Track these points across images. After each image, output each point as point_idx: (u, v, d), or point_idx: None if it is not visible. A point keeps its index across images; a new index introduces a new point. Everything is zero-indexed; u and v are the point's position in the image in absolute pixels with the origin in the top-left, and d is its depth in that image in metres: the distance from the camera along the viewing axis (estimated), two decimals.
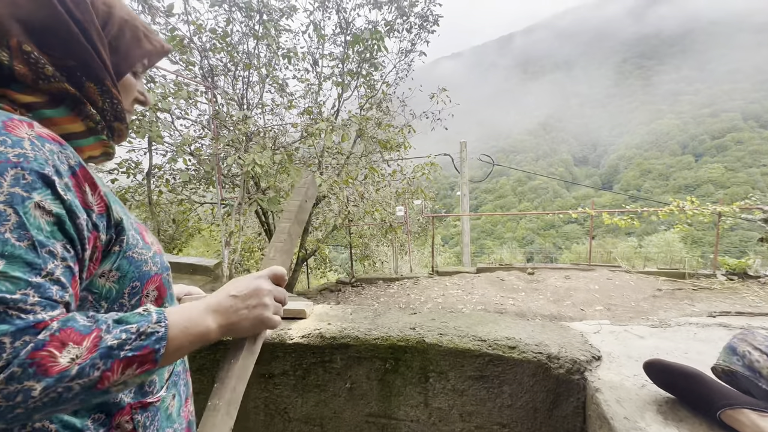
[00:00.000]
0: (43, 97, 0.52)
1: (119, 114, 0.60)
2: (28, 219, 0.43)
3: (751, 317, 1.47)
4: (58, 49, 0.51)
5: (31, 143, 0.45)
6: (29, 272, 0.41)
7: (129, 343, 0.45)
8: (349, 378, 1.12)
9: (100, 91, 0.56)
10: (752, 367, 0.75)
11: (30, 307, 0.40)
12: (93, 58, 0.54)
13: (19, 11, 0.49)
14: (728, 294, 4.61)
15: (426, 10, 4.84)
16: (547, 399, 0.98)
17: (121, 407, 0.54)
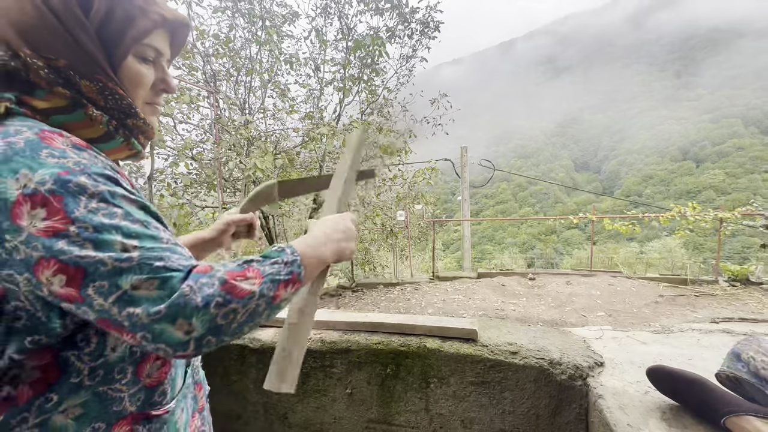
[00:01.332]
0: (57, 102, 0.50)
1: (127, 108, 0.55)
2: (128, 209, 0.47)
3: (754, 323, 1.46)
4: (46, 49, 0.49)
5: (75, 153, 0.47)
6: (158, 243, 0.47)
7: (282, 270, 0.54)
8: (349, 383, 1.11)
9: (96, 88, 0.52)
10: (757, 373, 0.75)
11: (180, 265, 0.47)
12: (78, 54, 0.50)
13: (10, 16, 0.48)
14: (730, 300, 4.59)
15: (427, 16, 4.88)
16: (549, 405, 0.97)
17: (123, 416, 0.53)
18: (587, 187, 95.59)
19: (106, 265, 0.42)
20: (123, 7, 0.53)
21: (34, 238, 0.41)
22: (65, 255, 0.41)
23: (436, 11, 4.87)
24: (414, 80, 5.43)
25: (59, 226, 0.42)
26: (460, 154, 9.93)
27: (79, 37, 0.50)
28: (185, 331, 0.45)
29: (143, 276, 0.44)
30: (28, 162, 0.43)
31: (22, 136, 0.45)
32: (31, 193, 0.41)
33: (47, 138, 0.46)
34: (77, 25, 0.50)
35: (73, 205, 0.43)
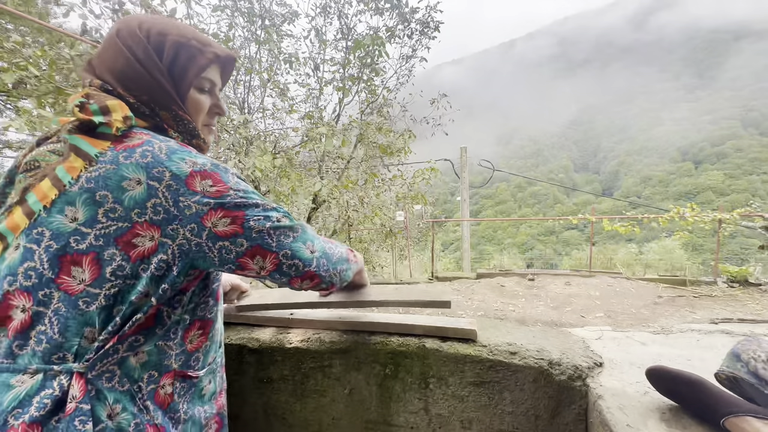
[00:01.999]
0: (150, 124, 0.66)
1: (193, 131, 0.70)
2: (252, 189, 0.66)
3: (753, 324, 1.46)
4: (134, 88, 0.64)
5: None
6: (281, 209, 0.68)
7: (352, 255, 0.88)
8: (348, 383, 1.10)
9: (172, 116, 0.67)
10: (757, 374, 0.74)
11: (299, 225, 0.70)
12: (158, 91, 0.65)
13: (108, 65, 0.65)
14: (729, 301, 4.59)
15: (427, 16, 4.89)
16: (549, 406, 0.97)
17: (168, 370, 0.65)
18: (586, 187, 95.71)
19: (258, 207, 0.64)
20: (185, 50, 0.67)
21: (206, 198, 0.59)
22: (230, 204, 0.60)
23: (435, 11, 4.87)
24: (414, 80, 5.43)
25: (223, 189, 0.61)
26: (460, 155, 9.94)
27: (157, 78, 0.65)
28: (311, 250, 0.69)
29: (279, 213, 0.66)
30: (186, 154, 0.60)
31: (171, 141, 0.62)
32: (200, 171, 0.60)
33: (185, 145, 0.64)
34: (155, 69, 0.65)
35: (226, 178, 0.62)
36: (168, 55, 0.66)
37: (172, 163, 0.58)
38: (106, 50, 0.66)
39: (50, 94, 2.82)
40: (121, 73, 0.64)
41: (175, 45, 0.66)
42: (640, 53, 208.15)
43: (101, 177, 0.56)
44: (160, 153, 0.59)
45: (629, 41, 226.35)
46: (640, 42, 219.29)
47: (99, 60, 0.66)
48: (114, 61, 0.64)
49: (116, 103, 0.61)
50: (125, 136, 0.60)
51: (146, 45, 0.65)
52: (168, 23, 0.68)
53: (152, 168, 0.57)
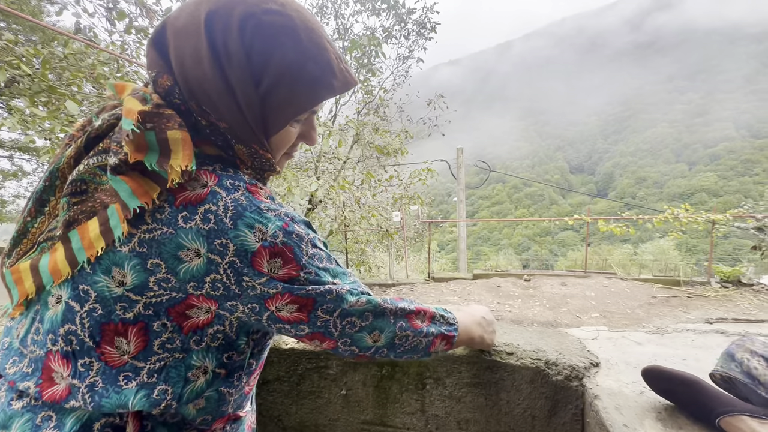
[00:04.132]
0: (219, 152, 0.55)
1: (269, 167, 0.59)
2: (325, 252, 0.58)
3: (747, 324, 1.48)
4: (212, 110, 0.51)
5: (278, 205, 0.54)
6: (348, 276, 0.60)
7: (444, 324, 0.72)
8: (344, 384, 1.10)
9: (248, 153, 0.55)
10: (750, 373, 0.75)
11: (366, 291, 0.61)
12: (239, 123, 0.52)
13: (185, 63, 0.50)
14: (722, 301, 4.64)
15: (423, 17, 4.90)
16: (546, 406, 0.97)
17: (223, 415, 0.59)
18: (582, 188, 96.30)
19: (332, 293, 0.55)
20: (294, 84, 0.53)
21: (275, 282, 0.51)
22: (300, 291, 0.53)
23: (432, 12, 4.88)
24: (410, 81, 5.45)
25: (293, 272, 0.52)
26: (456, 155, 9.96)
27: (243, 108, 0.52)
28: (374, 339, 0.62)
29: (354, 297, 0.58)
30: (257, 217, 0.49)
31: (239, 192, 0.50)
32: (269, 246, 0.50)
33: (255, 192, 0.52)
34: (245, 97, 0.51)
35: (299, 254, 0.52)
36: (267, 86, 0.52)
37: (238, 234, 0.48)
38: (185, 37, 0.50)
39: (43, 93, 2.79)
40: (200, 87, 0.50)
41: (277, 75, 0.51)
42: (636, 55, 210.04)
43: (155, 242, 0.47)
44: (225, 216, 0.48)
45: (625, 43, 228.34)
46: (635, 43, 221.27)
47: (176, 44, 0.51)
48: (195, 63, 0.49)
49: (179, 138, 0.48)
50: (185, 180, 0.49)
51: (244, 67, 0.50)
52: (284, 30, 0.51)
53: (215, 239, 0.48)
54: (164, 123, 0.49)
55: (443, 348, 0.70)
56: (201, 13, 0.49)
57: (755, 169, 77.59)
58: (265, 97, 0.52)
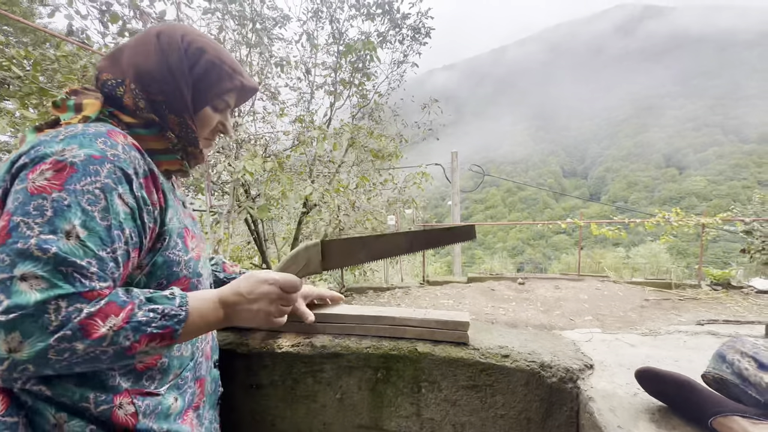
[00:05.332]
0: (139, 120, 0.67)
1: (193, 140, 0.72)
2: (112, 205, 0.54)
3: (738, 325, 1.49)
4: (153, 87, 0.67)
5: (122, 148, 0.59)
6: (100, 246, 0.52)
7: (155, 321, 0.55)
8: (339, 388, 1.09)
9: (178, 122, 0.69)
10: (741, 374, 0.76)
11: (89, 274, 0.50)
12: (176, 97, 0.68)
13: (137, 59, 0.67)
14: (713, 304, 4.70)
15: (418, 22, 4.93)
16: (541, 408, 0.97)
17: (119, 391, 0.60)
18: (575, 192, 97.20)
19: (26, 242, 0.47)
20: (216, 71, 0.72)
21: (24, 191, 0.50)
22: (19, 216, 0.48)
23: (427, 17, 4.91)
24: (405, 85, 5.47)
25: (47, 189, 0.50)
26: (451, 159, 10.01)
27: (180, 87, 0.68)
28: (9, 348, 0.45)
29: (38, 271, 0.46)
30: (85, 141, 0.55)
31: (95, 127, 0.59)
32: (59, 159, 0.52)
33: (112, 133, 0.59)
34: (182, 77, 0.68)
35: (75, 180, 0.52)
36: (199, 70, 0.70)
37: (52, 146, 0.54)
38: (140, 46, 0.68)
39: (34, 95, 2.76)
40: (148, 72, 0.66)
41: (208, 63, 0.70)
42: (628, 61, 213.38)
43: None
44: (62, 134, 0.56)
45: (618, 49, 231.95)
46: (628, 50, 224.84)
47: (130, 52, 0.68)
48: (145, 59, 0.67)
49: (91, 102, 0.63)
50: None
51: (182, 55, 0.68)
52: (208, 43, 0.72)
53: (38, 145, 0.55)
54: (83, 96, 0.65)
55: (155, 346, 0.55)
56: (151, 31, 0.69)
57: (743, 174, 78.87)
58: (196, 80, 0.70)
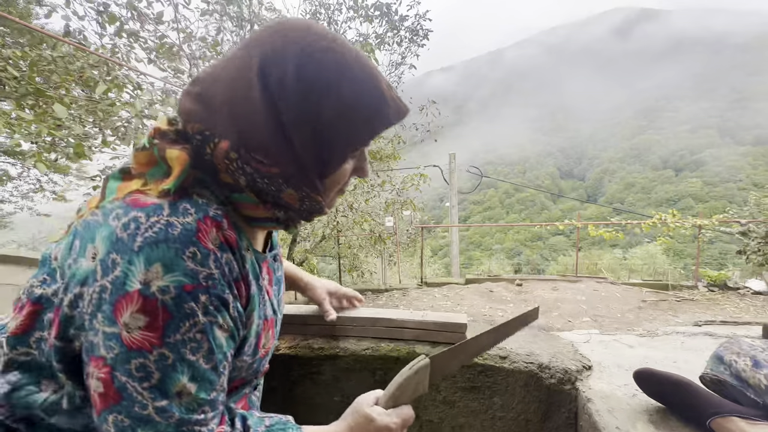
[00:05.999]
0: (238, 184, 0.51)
1: (316, 211, 0.56)
2: (214, 342, 0.47)
3: (735, 326, 1.50)
4: (260, 154, 0.48)
5: (216, 261, 0.46)
6: (210, 390, 0.47)
7: None
8: (338, 391, 1.09)
9: (298, 197, 0.52)
10: (739, 375, 0.76)
11: (206, 420, 0.47)
12: (296, 169, 0.49)
13: (236, 110, 0.47)
14: (709, 305, 4.71)
15: (416, 24, 4.94)
16: (539, 410, 0.97)
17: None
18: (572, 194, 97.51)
19: (144, 409, 0.43)
20: (352, 123, 0.50)
21: (117, 339, 0.42)
22: (123, 376, 0.42)
23: (425, 19, 4.93)
24: (403, 87, 5.48)
25: (147, 345, 0.42)
26: (449, 161, 10.02)
27: (302, 156, 0.49)
28: None
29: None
30: (169, 257, 0.43)
31: (184, 219, 0.45)
32: (148, 296, 0.42)
33: (203, 231, 0.46)
34: (301, 143, 0.48)
35: (173, 329, 0.43)
36: (325, 123, 0.48)
37: (133, 261, 0.42)
38: (239, 88, 0.47)
39: (30, 96, 2.75)
40: (253, 134, 0.47)
41: (338, 112, 0.48)
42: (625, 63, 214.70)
43: (88, 224, 0.47)
44: (141, 233, 0.43)
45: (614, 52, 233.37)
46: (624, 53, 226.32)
47: (225, 94, 0.47)
48: (247, 112, 0.46)
49: (176, 156, 0.47)
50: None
51: (301, 106, 0.47)
52: (339, 67, 0.48)
53: (115, 251, 0.43)
54: (166, 145, 0.49)
55: None
56: (252, 63, 0.47)
57: (739, 176, 79.41)
58: (321, 136, 0.49)
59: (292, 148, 0.48)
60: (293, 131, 0.47)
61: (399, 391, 0.65)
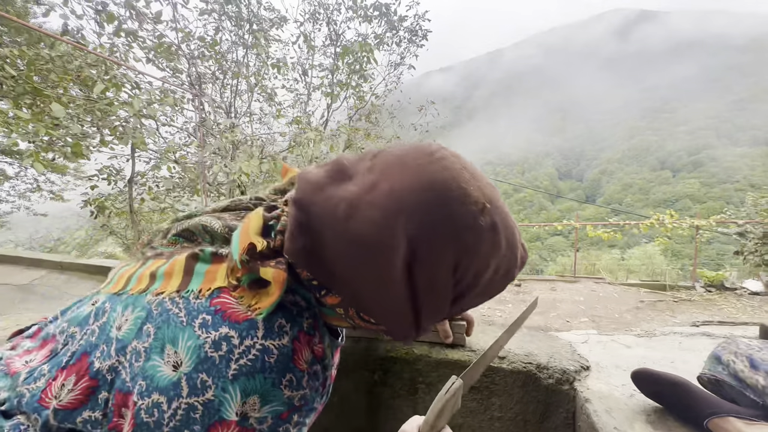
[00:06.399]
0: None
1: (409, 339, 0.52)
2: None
3: (732, 326, 1.51)
4: (376, 321, 0.46)
5: (308, 379, 0.44)
6: None
7: None
8: (336, 391, 1.09)
9: (395, 332, 0.48)
10: (737, 375, 0.76)
11: None
12: (407, 330, 0.45)
13: (358, 286, 0.42)
14: (707, 305, 4.73)
15: (415, 25, 4.94)
16: (537, 410, 0.97)
17: None
18: (570, 194, 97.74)
19: None
20: (492, 286, 0.46)
21: None
22: None
23: (424, 20, 4.93)
24: (402, 87, 5.48)
25: None
26: None
27: (422, 325, 0.45)
28: None
29: None
30: (266, 389, 0.41)
31: (280, 341, 0.43)
32: (245, 426, 0.40)
33: (298, 352, 0.44)
34: (430, 319, 0.45)
35: None
36: (465, 301, 0.45)
37: (227, 389, 0.40)
38: (368, 281, 0.42)
39: (28, 95, 2.74)
40: (373, 309, 0.44)
41: (482, 290, 0.45)
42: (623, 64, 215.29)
43: (167, 315, 0.44)
44: (235, 361, 0.40)
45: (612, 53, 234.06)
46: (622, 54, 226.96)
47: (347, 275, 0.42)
48: (375, 301, 0.43)
49: (274, 274, 0.43)
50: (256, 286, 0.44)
51: (446, 295, 0.43)
52: (493, 242, 0.43)
53: (204, 371, 0.40)
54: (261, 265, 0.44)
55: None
56: (397, 232, 0.39)
57: (736, 176, 79.80)
58: (452, 308, 0.46)
59: (414, 320, 0.44)
60: (426, 313, 0.44)
61: (439, 417, 0.65)
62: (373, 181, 0.41)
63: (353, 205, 0.40)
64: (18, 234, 13.56)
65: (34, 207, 8.43)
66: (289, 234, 0.44)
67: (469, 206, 0.40)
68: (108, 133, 3.38)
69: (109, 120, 3.26)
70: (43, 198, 7.06)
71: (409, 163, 0.41)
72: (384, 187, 0.40)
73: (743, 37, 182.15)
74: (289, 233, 0.44)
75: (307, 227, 0.43)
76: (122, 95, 3.33)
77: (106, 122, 3.24)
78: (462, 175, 0.42)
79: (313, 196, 0.43)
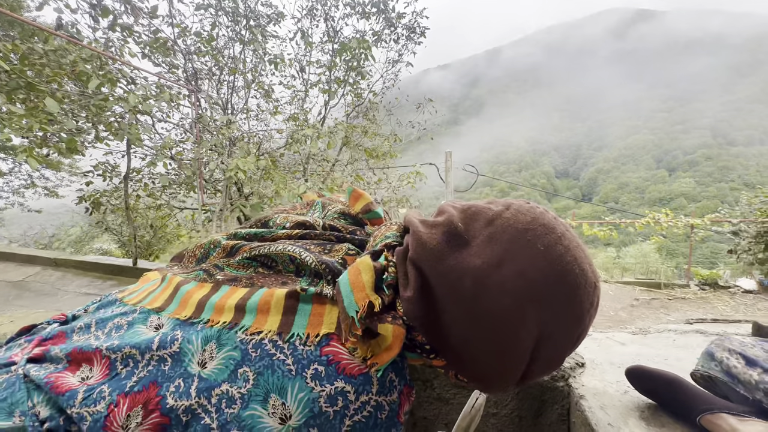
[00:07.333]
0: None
1: None
2: None
3: (726, 324, 1.52)
4: (472, 383, 0.48)
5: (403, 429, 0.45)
6: None
7: None
8: None
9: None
10: (729, 372, 0.77)
11: None
12: (506, 389, 0.49)
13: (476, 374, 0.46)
14: (701, 303, 4.77)
15: (413, 21, 4.92)
16: (532, 407, 0.98)
17: None
18: (567, 193, 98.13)
19: None
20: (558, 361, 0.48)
21: None
22: None
23: (422, 17, 4.91)
24: (400, 84, 5.46)
25: None
26: (444, 159, 10.03)
27: (524, 381, 0.48)
28: None
29: None
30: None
31: (390, 397, 0.42)
32: None
33: (402, 406, 0.43)
34: (522, 381, 0.47)
35: None
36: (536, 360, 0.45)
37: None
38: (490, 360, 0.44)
39: (21, 90, 2.71)
40: (479, 377, 0.46)
41: (554, 352, 0.45)
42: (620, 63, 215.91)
43: (269, 361, 0.41)
44: (349, 417, 0.39)
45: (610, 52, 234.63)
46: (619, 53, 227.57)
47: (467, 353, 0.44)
48: (489, 374, 0.45)
49: (392, 333, 0.42)
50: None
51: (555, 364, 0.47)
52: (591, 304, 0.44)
53: (317, 425, 0.38)
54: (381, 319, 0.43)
55: None
56: (528, 317, 0.41)
57: (731, 176, 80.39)
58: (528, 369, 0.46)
59: (518, 382, 0.47)
60: (532, 377, 0.46)
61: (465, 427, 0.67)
62: (499, 258, 0.41)
63: (481, 283, 0.41)
64: (12, 230, 13.44)
65: (28, 203, 8.35)
66: (411, 297, 0.43)
67: (589, 290, 0.43)
68: (103, 128, 3.35)
69: (105, 116, 3.23)
70: (38, 194, 7.00)
71: (534, 242, 0.42)
72: (512, 269, 0.40)
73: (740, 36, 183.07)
74: (411, 297, 0.44)
75: (428, 294, 0.43)
76: (117, 91, 3.29)
77: (101, 118, 3.21)
78: (579, 255, 0.44)
79: (436, 264, 0.43)
